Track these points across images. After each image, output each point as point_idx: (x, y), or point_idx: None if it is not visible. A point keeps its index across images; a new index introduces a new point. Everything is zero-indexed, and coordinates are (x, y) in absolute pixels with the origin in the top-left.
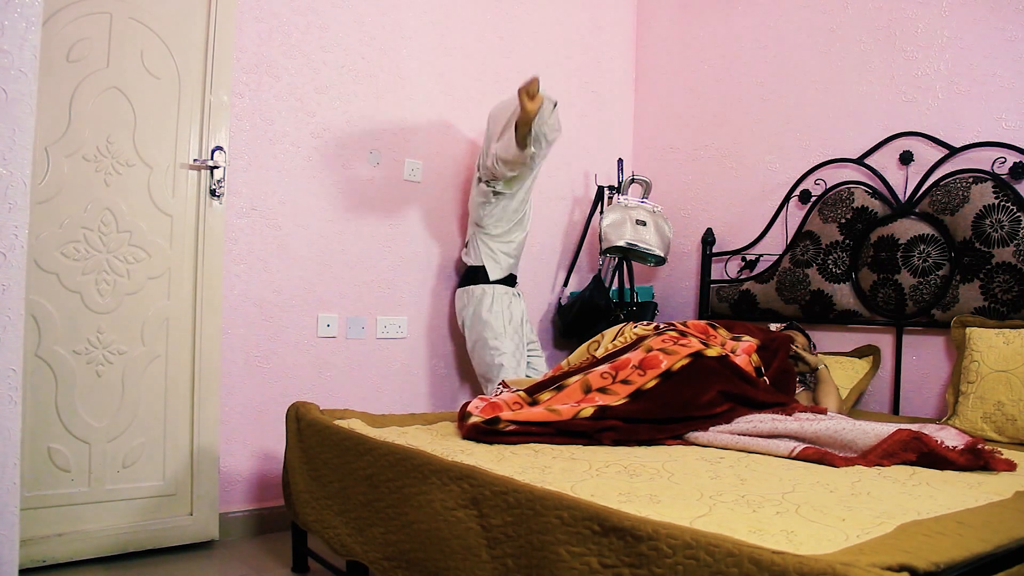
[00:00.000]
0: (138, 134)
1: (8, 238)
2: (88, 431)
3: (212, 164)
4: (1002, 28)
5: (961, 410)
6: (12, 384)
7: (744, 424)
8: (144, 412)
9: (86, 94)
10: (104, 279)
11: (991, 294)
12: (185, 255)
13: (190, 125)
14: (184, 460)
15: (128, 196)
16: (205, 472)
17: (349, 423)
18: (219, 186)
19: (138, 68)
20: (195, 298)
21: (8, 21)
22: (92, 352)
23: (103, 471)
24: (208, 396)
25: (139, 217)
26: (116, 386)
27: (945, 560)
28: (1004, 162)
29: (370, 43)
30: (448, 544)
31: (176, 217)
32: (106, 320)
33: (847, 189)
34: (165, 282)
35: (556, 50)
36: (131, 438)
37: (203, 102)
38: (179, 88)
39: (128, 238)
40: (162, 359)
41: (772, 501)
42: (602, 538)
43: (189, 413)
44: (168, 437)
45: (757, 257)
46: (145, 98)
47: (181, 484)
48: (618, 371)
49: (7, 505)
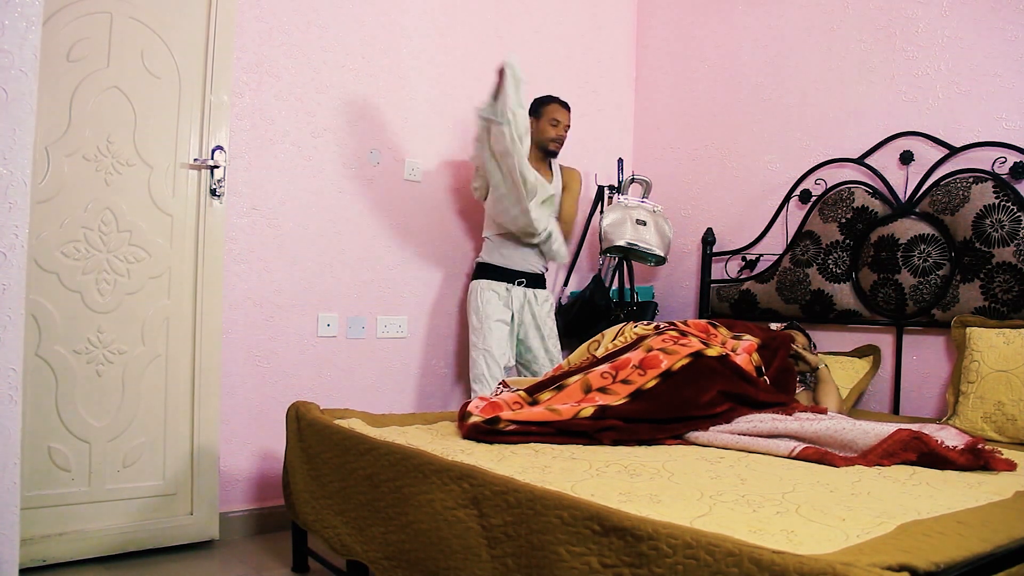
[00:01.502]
0: (138, 134)
1: (8, 238)
2: (88, 430)
3: (212, 164)
4: (1002, 28)
5: (961, 410)
6: (12, 384)
7: (744, 424)
8: (144, 412)
9: (86, 94)
10: (104, 279)
11: (991, 294)
12: (185, 255)
13: (190, 125)
14: (184, 460)
15: (128, 196)
16: (205, 472)
17: (349, 423)
18: (219, 185)
19: (138, 68)
20: (195, 298)
21: (8, 21)
22: (92, 352)
23: (103, 470)
24: (208, 396)
25: (139, 217)
26: (116, 386)
27: (945, 560)
28: (1004, 162)
29: (370, 43)
30: (448, 544)
31: (176, 217)
32: (106, 320)
33: (847, 189)
34: (165, 282)
35: (556, 50)
36: (131, 438)
37: (203, 101)
38: (179, 87)
39: (128, 238)
40: (162, 359)
41: (772, 501)
42: (602, 538)
43: (189, 413)
44: (168, 437)
45: (757, 257)
46: (145, 98)
47: (181, 484)
48: (618, 371)
49: (7, 505)
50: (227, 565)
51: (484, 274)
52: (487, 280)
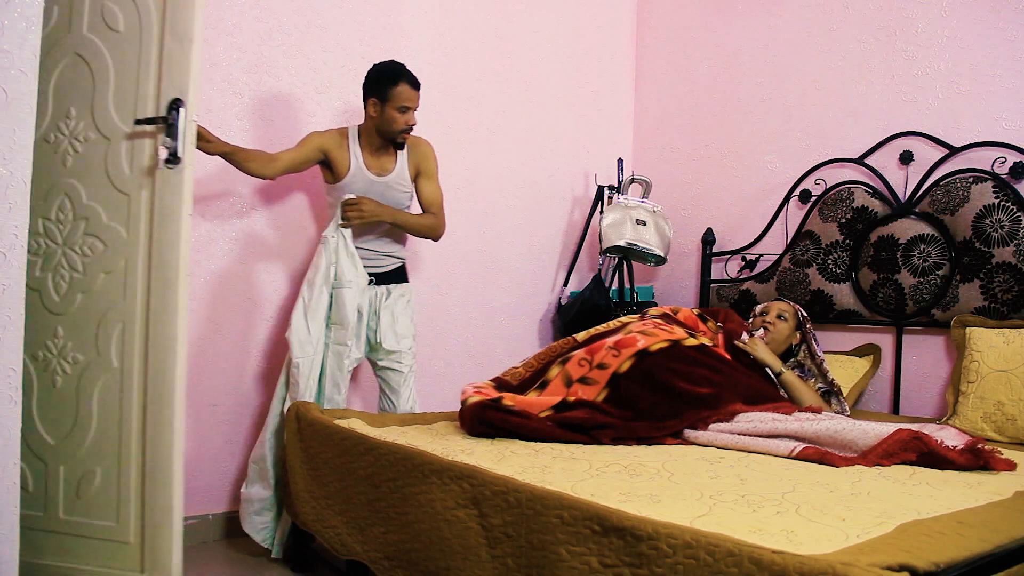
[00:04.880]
0: (97, 101)
1: (8, 238)
2: (44, 448)
3: (166, 120)
4: (1002, 28)
5: (961, 410)
6: (12, 384)
7: (744, 424)
8: (99, 435)
9: (48, 67)
10: (61, 275)
11: (991, 294)
12: (141, 243)
13: (148, 80)
14: (137, 504)
15: (85, 177)
16: (159, 523)
17: (349, 423)
18: (174, 148)
19: (98, 23)
20: (147, 296)
21: (8, 21)
22: (49, 359)
23: (57, 497)
24: (159, 426)
25: (97, 200)
26: (71, 400)
27: (945, 560)
28: (1004, 162)
29: (370, 43)
30: (448, 543)
31: (132, 196)
32: (63, 322)
33: (847, 189)
34: (120, 278)
35: (556, 50)
36: (83, 464)
37: (160, 47)
38: (140, 39)
39: (84, 226)
40: (116, 372)
41: (772, 501)
42: (602, 538)
43: (140, 445)
44: (123, 470)
45: (757, 257)
46: (104, 58)
47: (135, 532)
48: (594, 355)
49: (7, 505)
50: (226, 565)
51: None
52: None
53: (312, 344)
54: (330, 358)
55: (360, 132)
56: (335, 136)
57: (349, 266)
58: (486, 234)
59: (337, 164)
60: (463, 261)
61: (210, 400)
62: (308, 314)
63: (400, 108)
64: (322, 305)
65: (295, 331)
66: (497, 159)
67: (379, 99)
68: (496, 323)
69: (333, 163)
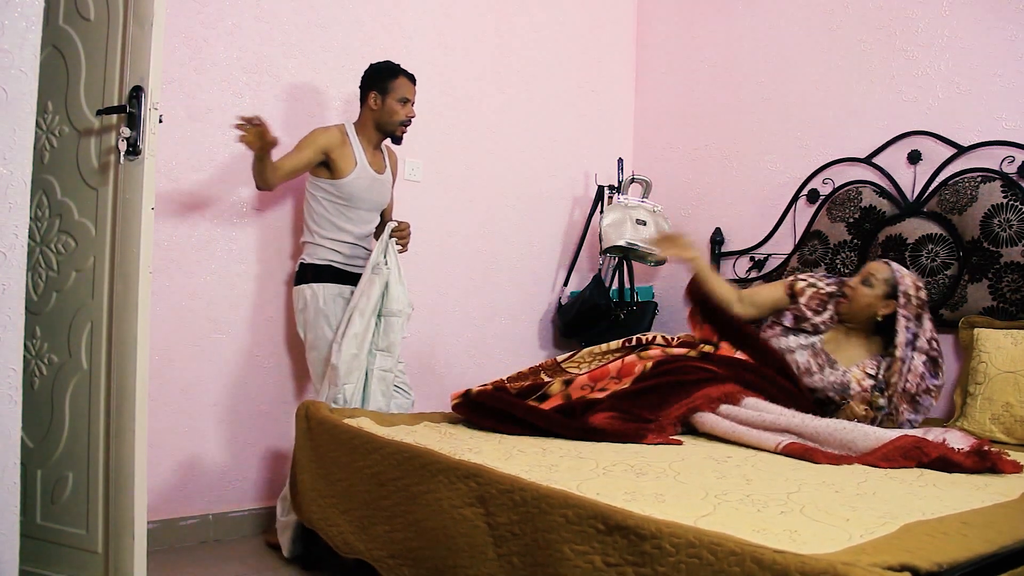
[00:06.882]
0: (70, 93)
1: (8, 238)
2: (23, 451)
3: (124, 109)
4: (1002, 28)
5: (969, 411)
6: (12, 384)
7: (751, 412)
8: (70, 439)
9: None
10: (39, 274)
11: (1000, 294)
12: (107, 241)
13: (115, 69)
14: (104, 512)
15: (59, 172)
16: (121, 534)
17: (358, 422)
18: (134, 138)
19: (72, 13)
20: (110, 294)
21: (8, 21)
22: (28, 360)
23: (34, 501)
24: (122, 431)
25: (70, 195)
26: (46, 403)
27: (948, 560)
28: (1012, 161)
29: (370, 43)
30: (454, 542)
31: (100, 191)
32: (40, 322)
33: (855, 188)
34: (89, 276)
35: (556, 50)
36: (57, 469)
37: (123, 34)
38: (107, 26)
39: (59, 223)
40: (86, 374)
41: (777, 501)
42: (606, 536)
43: (106, 451)
44: (91, 477)
45: (766, 256)
46: (77, 48)
47: (102, 542)
48: (596, 381)
49: (7, 505)
50: (228, 565)
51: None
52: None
53: (360, 369)
54: (374, 383)
55: (358, 130)
56: (336, 134)
57: (401, 294)
58: (486, 234)
59: (340, 162)
60: (463, 261)
61: (210, 400)
62: (359, 343)
63: (401, 99)
64: (370, 331)
65: (345, 359)
66: (497, 159)
67: (380, 92)
68: (496, 323)
69: (335, 161)
